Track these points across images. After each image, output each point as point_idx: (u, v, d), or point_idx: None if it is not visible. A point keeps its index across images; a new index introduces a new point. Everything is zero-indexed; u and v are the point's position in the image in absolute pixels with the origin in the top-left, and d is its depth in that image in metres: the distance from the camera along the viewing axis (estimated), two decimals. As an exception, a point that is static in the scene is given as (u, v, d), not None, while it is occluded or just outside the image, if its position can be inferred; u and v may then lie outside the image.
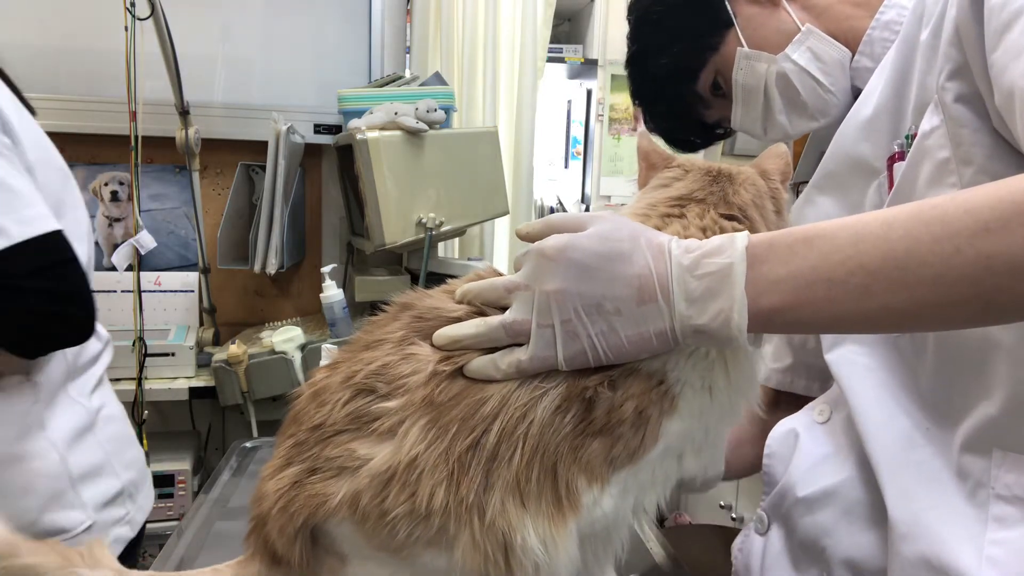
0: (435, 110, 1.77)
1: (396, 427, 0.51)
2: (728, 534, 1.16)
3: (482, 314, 0.54)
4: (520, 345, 0.52)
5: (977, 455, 0.58)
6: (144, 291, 1.94)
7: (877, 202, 0.72)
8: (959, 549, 0.57)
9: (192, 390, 1.88)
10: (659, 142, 0.98)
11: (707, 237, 0.55)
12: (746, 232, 0.50)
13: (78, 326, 0.93)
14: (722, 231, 0.56)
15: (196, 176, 1.98)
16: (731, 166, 0.64)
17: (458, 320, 0.55)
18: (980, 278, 0.43)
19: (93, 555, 0.61)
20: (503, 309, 0.53)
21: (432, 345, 0.54)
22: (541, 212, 3.42)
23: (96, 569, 0.59)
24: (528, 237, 0.55)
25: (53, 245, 0.90)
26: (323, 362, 1.14)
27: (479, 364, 0.52)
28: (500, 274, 0.58)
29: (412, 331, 0.55)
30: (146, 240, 1.81)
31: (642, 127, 0.92)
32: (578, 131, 3.68)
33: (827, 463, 0.72)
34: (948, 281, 0.44)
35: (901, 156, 0.66)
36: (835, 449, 0.72)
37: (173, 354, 1.90)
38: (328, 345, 1.20)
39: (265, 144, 1.92)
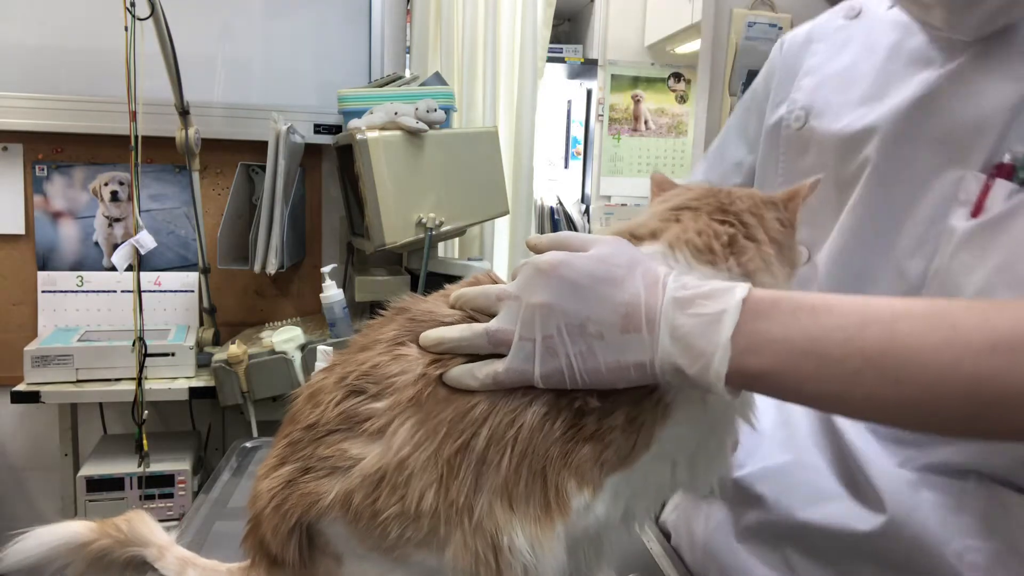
0: (435, 110, 1.77)
1: (385, 427, 0.51)
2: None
3: (474, 320, 0.54)
4: (501, 356, 0.51)
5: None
6: (144, 291, 1.94)
7: (933, 215, 0.64)
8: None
9: (192, 390, 1.88)
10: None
11: (701, 239, 0.55)
12: (748, 285, 0.49)
13: None
14: (715, 235, 0.55)
15: (196, 176, 1.98)
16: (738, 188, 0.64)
17: (450, 324, 0.55)
18: (972, 396, 0.43)
19: (136, 530, 0.64)
20: (494, 316, 0.53)
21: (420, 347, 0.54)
22: (541, 212, 3.42)
23: (147, 547, 0.63)
24: (535, 249, 0.55)
25: None
26: (319, 363, 1.15)
27: (457, 372, 0.52)
28: (498, 281, 0.58)
29: (404, 332, 0.55)
30: (146, 240, 1.81)
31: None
32: (578, 131, 3.69)
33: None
34: (939, 390, 0.43)
35: (1008, 172, 0.58)
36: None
37: (173, 354, 1.90)
38: (323, 347, 1.20)
39: (265, 144, 1.92)
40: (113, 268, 1.92)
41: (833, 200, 0.72)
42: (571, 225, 3.44)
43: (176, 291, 2.17)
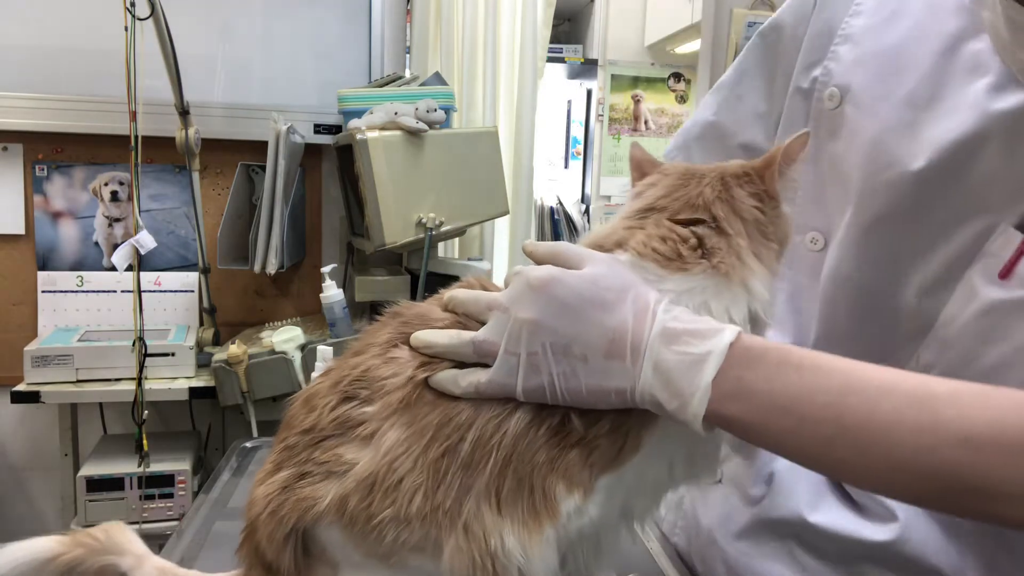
0: (435, 110, 1.77)
1: (376, 431, 0.51)
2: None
3: (464, 325, 0.54)
4: (486, 366, 0.51)
5: None
6: (144, 291, 1.94)
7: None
8: None
9: (192, 390, 1.88)
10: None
11: (667, 245, 0.54)
12: (738, 329, 0.49)
13: None
14: (681, 238, 0.54)
15: (196, 176, 1.98)
16: (714, 165, 0.60)
17: (440, 328, 0.55)
18: (939, 481, 0.44)
19: (113, 539, 0.63)
20: (483, 324, 0.53)
21: (411, 348, 0.54)
22: (541, 212, 3.42)
23: (122, 555, 0.62)
24: (532, 256, 0.55)
25: None
26: (318, 362, 1.15)
27: (441, 377, 0.52)
28: (490, 287, 0.57)
29: (396, 335, 0.55)
30: (146, 240, 1.81)
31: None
32: (578, 131, 3.69)
33: None
34: (909, 470, 0.44)
35: None
36: None
37: (173, 354, 1.90)
38: (323, 347, 1.20)
39: (265, 144, 1.92)
40: (113, 268, 1.92)
41: (854, 199, 0.66)
42: (571, 225, 3.44)
43: (176, 291, 2.17)
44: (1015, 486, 0.42)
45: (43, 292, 2.11)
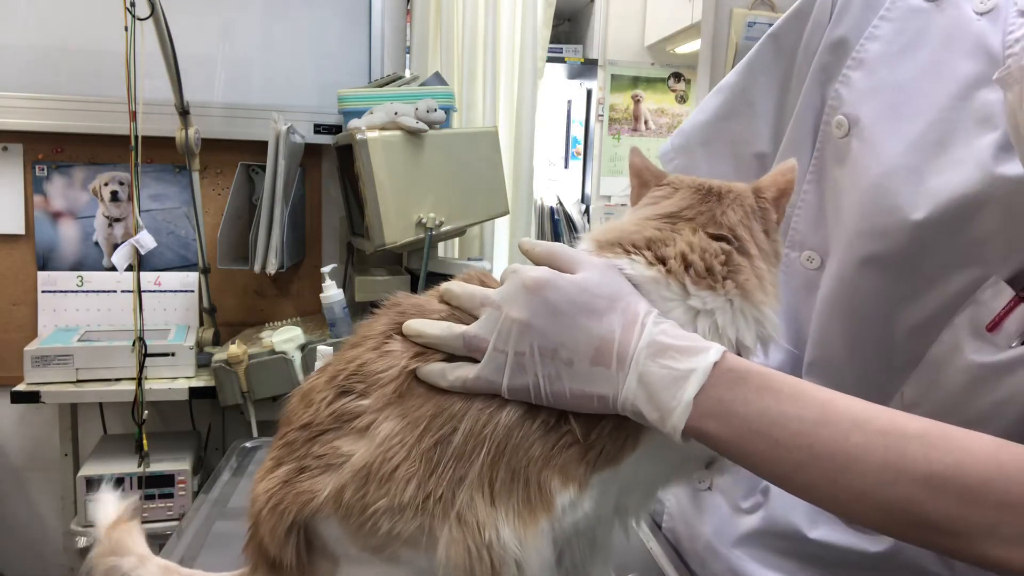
0: (435, 110, 1.77)
1: (372, 422, 0.52)
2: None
3: (458, 318, 0.55)
4: (475, 360, 0.52)
5: None
6: (144, 291, 1.94)
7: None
8: None
9: (192, 390, 1.88)
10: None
11: (704, 260, 0.54)
12: (724, 348, 0.50)
13: None
14: (714, 253, 0.55)
15: (196, 176, 1.98)
16: (722, 183, 0.61)
17: (435, 319, 0.56)
18: (897, 514, 0.45)
19: (121, 541, 0.65)
20: (477, 319, 0.54)
21: (405, 338, 0.55)
22: (541, 212, 3.43)
23: (125, 556, 0.64)
24: (528, 255, 0.56)
25: None
26: (318, 362, 1.15)
27: (430, 369, 0.53)
28: (488, 283, 0.58)
29: (392, 326, 0.56)
30: (146, 240, 1.81)
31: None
32: (578, 131, 3.69)
33: None
34: (870, 500, 0.46)
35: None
36: None
37: (173, 354, 1.90)
38: (323, 347, 1.20)
39: (265, 144, 1.92)
40: (113, 268, 1.92)
41: (851, 235, 0.66)
42: (571, 225, 3.44)
43: (176, 291, 2.17)
44: (971, 526, 0.43)
45: (43, 292, 2.11)
